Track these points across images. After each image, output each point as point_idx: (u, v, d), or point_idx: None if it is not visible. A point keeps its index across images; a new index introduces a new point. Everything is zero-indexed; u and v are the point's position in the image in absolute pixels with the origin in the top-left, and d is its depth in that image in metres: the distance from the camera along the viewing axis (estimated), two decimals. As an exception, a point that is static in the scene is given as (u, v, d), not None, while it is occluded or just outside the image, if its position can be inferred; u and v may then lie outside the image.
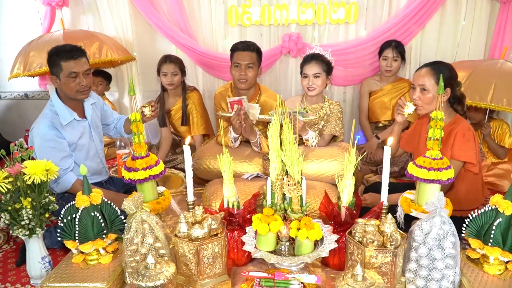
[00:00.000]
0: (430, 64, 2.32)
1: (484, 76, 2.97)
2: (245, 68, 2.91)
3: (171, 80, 3.45)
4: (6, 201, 1.87)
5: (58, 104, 2.47)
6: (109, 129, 2.88)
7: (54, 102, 2.48)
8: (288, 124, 2.06)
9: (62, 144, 2.42)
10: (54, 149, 2.38)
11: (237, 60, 2.93)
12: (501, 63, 3.10)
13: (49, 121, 2.40)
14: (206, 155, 2.93)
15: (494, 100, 2.83)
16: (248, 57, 2.91)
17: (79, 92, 2.45)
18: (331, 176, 2.69)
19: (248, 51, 2.92)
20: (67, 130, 2.47)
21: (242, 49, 2.92)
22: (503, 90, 2.85)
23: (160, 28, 3.92)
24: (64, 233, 1.88)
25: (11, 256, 2.37)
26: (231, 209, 2.05)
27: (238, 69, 2.93)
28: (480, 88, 2.90)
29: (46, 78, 4.13)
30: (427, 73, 2.27)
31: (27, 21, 4.22)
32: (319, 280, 1.72)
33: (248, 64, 2.91)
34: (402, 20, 3.66)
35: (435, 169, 1.81)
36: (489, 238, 1.76)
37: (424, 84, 2.27)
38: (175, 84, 3.48)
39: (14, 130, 4.54)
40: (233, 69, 2.98)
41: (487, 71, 3.03)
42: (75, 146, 2.52)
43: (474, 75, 2.98)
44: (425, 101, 2.29)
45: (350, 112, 4.13)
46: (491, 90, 2.86)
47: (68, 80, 2.39)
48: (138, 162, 1.95)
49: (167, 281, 1.60)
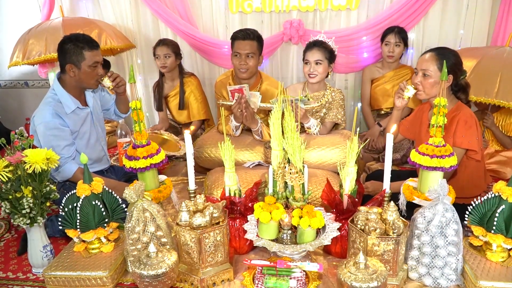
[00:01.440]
0: (435, 50, 2.30)
1: (489, 69, 2.90)
2: (245, 58, 2.88)
3: (164, 63, 3.49)
4: (6, 190, 1.86)
5: (61, 92, 2.46)
6: (110, 113, 2.88)
7: (57, 91, 2.46)
8: (289, 112, 2.04)
9: (65, 132, 2.41)
10: (57, 137, 2.37)
11: (237, 49, 2.89)
12: (507, 52, 3.02)
13: (53, 109, 2.39)
14: (207, 144, 2.92)
15: (500, 95, 2.79)
16: (248, 46, 2.87)
17: (96, 81, 2.49)
18: (333, 164, 2.67)
19: (248, 40, 2.87)
20: (71, 118, 2.47)
21: (242, 38, 2.87)
22: (510, 84, 2.80)
23: (160, 14, 3.88)
24: (65, 222, 1.88)
25: (12, 245, 2.37)
26: (233, 198, 2.04)
27: (238, 58, 2.89)
28: (485, 82, 2.85)
29: (46, 66, 4.10)
30: (431, 58, 2.25)
31: (27, 9, 4.20)
32: (321, 268, 1.72)
33: (248, 53, 2.87)
34: (404, 6, 3.62)
35: (438, 156, 1.80)
36: (492, 225, 1.75)
37: (427, 69, 2.25)
38: (168, 66, 3.52)
39: (14, 118, 4.54)
40: (233, 58, 2.94)
41: (493, 63, 2.95)
42: (77, 134, 2.52)
43: (479, 67, 2.92)
44: (426, 86, 2.27)
45: (352, 99, 4.10)
46: (496, 84, 2.81)
47: (89, 69, 2.42)
48: (139, 150, 1.94)
49: (169, 269, 1.60)
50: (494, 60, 2.97)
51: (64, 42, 2.41)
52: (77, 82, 2.46)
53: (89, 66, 2.41)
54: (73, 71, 2.42)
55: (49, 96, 2.47)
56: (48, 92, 2.49)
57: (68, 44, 2.39)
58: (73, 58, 2.39)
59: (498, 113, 3.29)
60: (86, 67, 2.41)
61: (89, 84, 2.49)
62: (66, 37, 2.43)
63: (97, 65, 2.45)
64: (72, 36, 2.43)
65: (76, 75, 2.43)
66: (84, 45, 2.38)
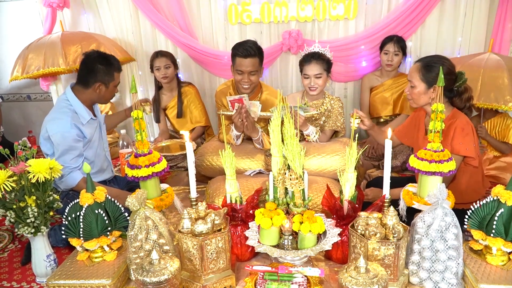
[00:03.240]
0: (421, 60, 2.34)
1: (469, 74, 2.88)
2: (248, 75, 2.88)
3: (165, 73, 3.55)
4: (11, 200, 1.88)
5: (76, 103, 2.53)
6: None
7: (72, 101, 2.52)
8: (289, 119, 2.07)
9: (79, 144, 2.48)
10: (71, 148, 2.43)
11: (239, 67, 2.87)
12: (487, 57, 3.08)
13: (71, 119, 2.45)
14: (208, 152, 2.94)
15: (482, 98, 2.85)
16: (250, 64, 2.85)
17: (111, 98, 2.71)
18: (333, 171, 2.69)
19: (250, 58, 2.83)
20: (86, 128, 2.55)
21: (243, 56, 2.83)
22: (490, 86, 2.87)
23: (160, 27, 3.94)
24: (68, 231, 1.89)
25: (16, 255, 2.39)
26: (234, 205, 2.06)
27: (241, 75, 2.90)
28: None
29: (49, 79, 4.15)
30: (415, 69, 2.31)
31: (29, 23, 4.26)
32: (322, 273, 1.73)
33: (251, 71, 2.87)
34: (401, 15, 3.67)
35: (437, 161, 1.82)
36: (492, 229, 1.76)
37: (411, 80, 2.32)
38: (169, 77, 3.59)
39: (17, 131, 4.57)
40: (235, 74, 2.94)
41: (472, 68, 3.01)
42: (88, 144, 2.59)
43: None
44: (413, 96, 2.33)
45: (351, 107, 4.12)
46: (478, 87, 2.88)
47: (113, 89, 2.62)
48: (141, 159, 1.96)
49: (171, 276, 1.61)
50: (474, 65, 3.04)
51: (96, 60, 2.51)
52: (98, 98, 2.59)
53: (115, 86, 2.62)
54: (100, 89, 2.54)
55: (63, 106, 2.52)
56: (61, 102, 2.54)
57: (100, 64, 2.50)
58: (105, 78, 2.53)
59: (494, 119, 3.31)
60: (112, 86, 2.60)
61: (106, 100, 2.66)
62: (95, 56, 2.54)
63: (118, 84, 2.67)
64: (102, 55, 2.57)
65: (102, 93, 2.56)
66: (115, 67, 2.58)
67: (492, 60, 3.05)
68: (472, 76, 2.87)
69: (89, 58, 2.53)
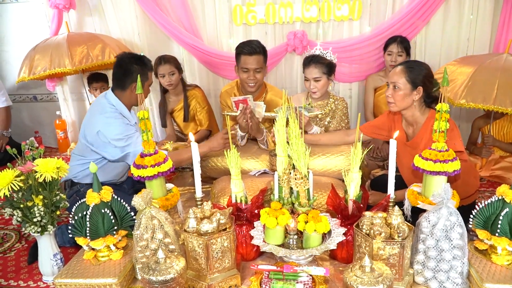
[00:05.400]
0: (405, 63, 2.37)
1: (487, 76, 2.91)
2: (253, 73, 2.91)
3: (170, 80, 3.53)
4: (18, 199, 1.90)
5: (123, 108, 2.57)
6: None
7: (117, 106, 2.56)
8: (294, 119, 2.08)
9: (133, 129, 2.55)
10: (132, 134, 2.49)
11: (244, 65, 2.90)
12: (505, 59, 3.04)
13: (121, 121, 2.50)
14: (213, 153, 2.95)
15: (498, 101, 2.79)
16: (255, 61, 2.88)
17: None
18: (338, 171, 2.70)
19: (255, 55, 2.88)
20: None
21: (248, 53, 2.87)
22: (507, 89, 2.82)
23: (165, 27, 3.94)
24: (75, 230, 1.91)
25: (23, 255, 2.41)
26: (239, 204, 2.07)
27: (247, 73, 2.92)
28: (483, 88, 2.87)
29: (55, 80, 4.18)
30: (400, 71, 2.31)
31: (35, 25, 4.28)
32: (327, 272, 1.74)
33: (256, 68, 2.90)
34: (406, 16, 3.67)
35: (441, 161, 1.82)
36: (497, 228, 1.76)
37: (396, 82, 2.30)
38: (174, 83, 3.56)
39: (23, 132, 4.59)
40: (240, 72, 2.96)
41: (490, 69, 2.96)
42: None
43: (477, 74, 2.94)
44: (396, 98, 2.32)
45: (356, 108, 4.14)
46: (494, 90, 2.83)
47: (148, 89, 2.67)
48: (146, 159, 1.97)
49: (177, 275, 1.62)
50: (491, 66, 2.99)
51: (130, 61, 2.53)
52: (133, 100, 2.59)
53: (149, 85, 2.66)
54: (133, 90, 2.53)
55: (108, 111, 2.53)
56: (105, 107, 2.55)
57: (136, 64, 2.53)
58: (141, 78, 2.49)
59: (502, 120, 3.31)
60: (147, 86, 2.63)
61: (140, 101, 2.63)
62: (130, 57, 2.57)
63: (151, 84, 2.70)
64: (136, 56, 2.60)
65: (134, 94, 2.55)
66: (149, 67, 2.62)
67: (510, 63, 3.01)
68: (488, 78, 2.87)
69: (123, 60, 2.55)
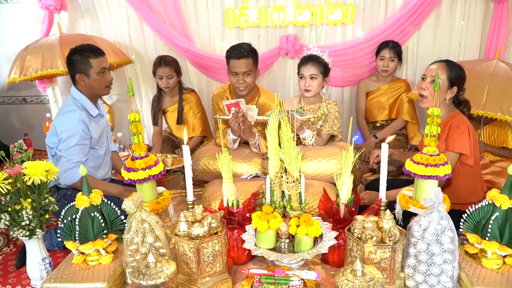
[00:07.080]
0: (444, 61, 2.38)
1: (477, 81, 2.91)
2: (243, 76, 2.90)
3: (167, 83, 3.51)
4: (6, 202, 1.88)
5: (84, 99, 2.57)
6: None
7: (79, 99, 2.56)
8: (286, 122, 2.07)
9: (86, 141, 2.51)
10: (78, 142, 2.46)
11: (233, 69, 2.90)
12: (494, 64, 3.06)
13: (78, 116, 2.48)
14: (205, 156, 2.94)
15: (488, 107, 2.81)
16: (244, 65, 2.87)
17: (107, 87, 2.63)
18: (330, 175, 2.70)
19: (243, 59, 2.86)
20: (93, 126, 2.57)
21: (237, 57, 2.86)
22: (496, 95, 2.84)
23: (157, 30, 3.92)
24: (64, 234, 1.88)
25: (11, 259, 2.38)
26: (231, 208, 2.06)
27: (236, 77, 2.92)
28: (474, 94, 2.84)
29: (45, 82, 4.14)
30: (442, 67, 2.32)
31: (26, 26, 4.25)
32: (319, 276, 1.73)
33: (245, 71, 2.89)
34: (398, 21, 3.69)
35: (432, 165, 1.83)
36: (487, 232, 1.77)
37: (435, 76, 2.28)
38: (171, 86, 3.54)
39: (13, 134, 4.55)
40: (231, 76, 2.96)
41: (481, 75, 2.98)
42: (96, 143, 2.60)
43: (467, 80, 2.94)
44: (432, 93, 2.32)
45: (348, 112, 4.14)
46: (484, 96, 2.84)
47: (98, 76, 2.55)
48: (137, 162, 1.96)
49: (168, 279, 1.61)
50: (482, 72, 3.01)
51: (71, 54, 2.53)
52: (89, 90, 2.57)
53: (97, 73, 2.54)
54: (83, 80, 2.54)
55: (70, 103, 2.55)
56: (68, 102, 2.57)
57: (74, 55, 2.51)
58: (81, 67, 2.51)
59: (492, 125, 3.33)
60: (94, 74, 2.53)
61: (100, 91, 2.61)
62: (72, 49, 2.55)
63: (105, 71, 2.58)
64: (78, 47, 2.55)
65: (87, 83, 2.54)
66: (89, 53, 2.52)
67: (500, 69, 3.02)
68: (478, 84, 2.87)
69: (68, 54, 2.56)
